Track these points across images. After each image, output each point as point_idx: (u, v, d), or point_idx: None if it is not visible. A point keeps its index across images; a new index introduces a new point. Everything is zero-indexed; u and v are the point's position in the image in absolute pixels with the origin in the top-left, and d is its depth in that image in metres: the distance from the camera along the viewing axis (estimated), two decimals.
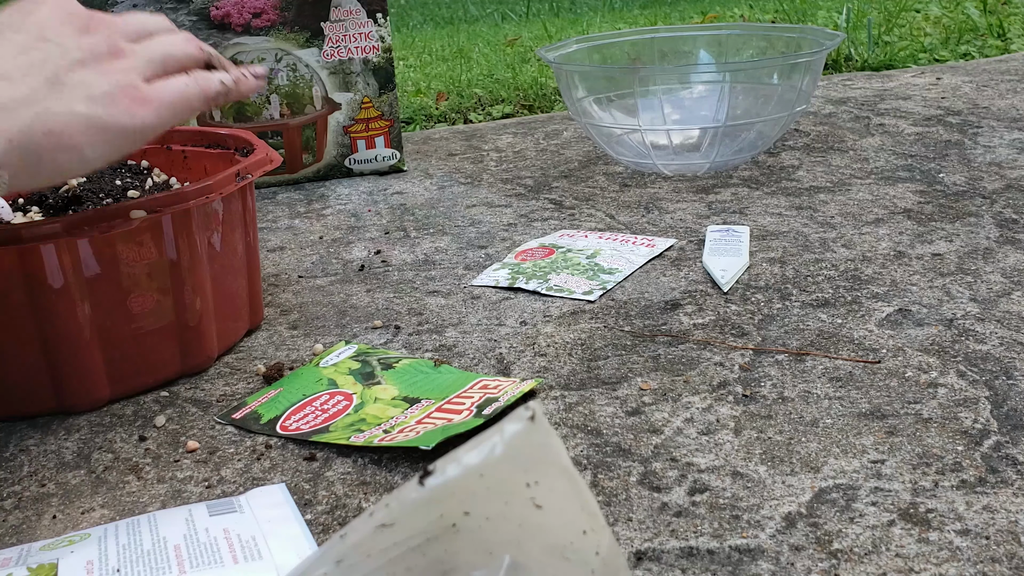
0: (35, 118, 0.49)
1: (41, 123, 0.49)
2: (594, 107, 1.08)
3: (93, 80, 0.51)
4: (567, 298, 0.76)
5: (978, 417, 0.57)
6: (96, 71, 0.52)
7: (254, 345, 0.72)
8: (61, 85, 0.50)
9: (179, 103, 0.55)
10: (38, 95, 0.50)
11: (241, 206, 0.70)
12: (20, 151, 0.49)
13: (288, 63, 1.07)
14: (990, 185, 0.97)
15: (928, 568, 0.45)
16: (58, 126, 0.50)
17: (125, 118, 0.52)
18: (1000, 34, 1.86)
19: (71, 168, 0.51)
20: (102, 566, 0.45)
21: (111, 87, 0.52)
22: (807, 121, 1.25)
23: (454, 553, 0.30)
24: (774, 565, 0.45)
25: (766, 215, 0.92)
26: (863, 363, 0.63)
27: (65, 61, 0.51)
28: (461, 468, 0.30)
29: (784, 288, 0.76)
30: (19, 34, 0.51)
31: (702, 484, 0.52)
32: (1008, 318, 0.68)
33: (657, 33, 1.21)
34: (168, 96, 0.54)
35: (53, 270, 0.59)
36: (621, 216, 0.94)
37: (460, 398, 0.60)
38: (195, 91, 0.56)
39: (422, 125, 1.55)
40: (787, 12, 2.23)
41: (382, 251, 0.90)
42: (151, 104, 0.53)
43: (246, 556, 0.46)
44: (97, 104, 0.51)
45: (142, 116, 0.53)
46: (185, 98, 0.56)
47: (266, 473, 0.56)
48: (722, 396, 0.61)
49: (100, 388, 0.63)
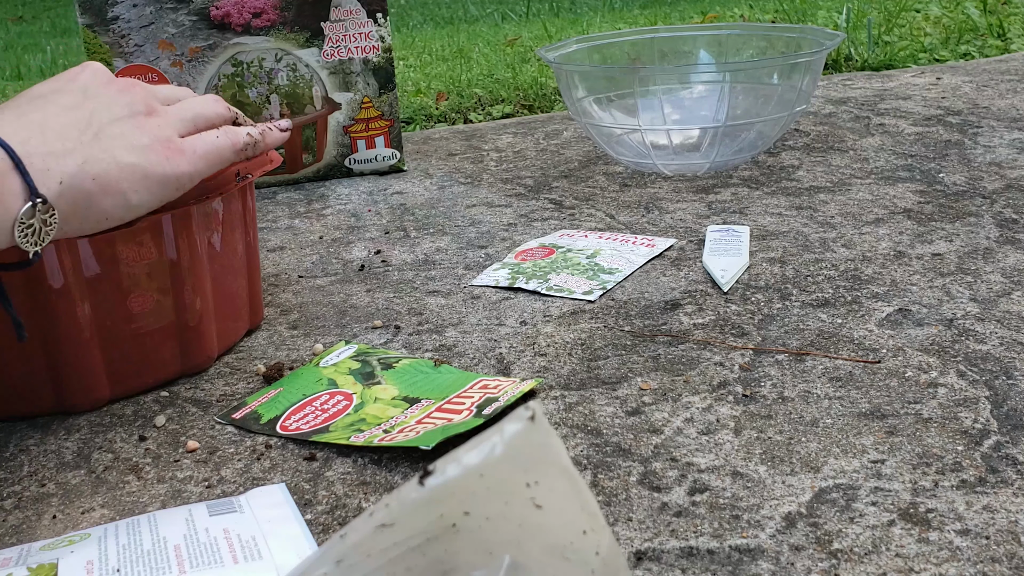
0: (83, 164, 0.53)
1: (88, 169, 0.54)
2: (594, 107, 1.08)
3: (132, 133, 0.56)
4: (567, 298, 0.76)
5: (978, 417, 0.57)
6: (134, 126, 0.57)
7: (254, 345, 0.72)
8: (104, 136, 0.55)
9: (212, 154, 0.61)
10: (83, 146, 0.54)
11: (241, 206, 0.70)
12: (71, 193, 0.53)
13: (288, 63, 1.07)
14: (990, 185, 0.97)
15: (928, 568, 0.45)
16: (103, 172, 0.54)
17: (164, 166, 0.57)
18: (1000, 34, 1.86)
19: (116, 213, 0.56)
20: (102, 566, 0.45)
21: (149, 139, 0.57)
22: (807, 121, 1.25)
23: (454, 553, 0.30)
24: (774, 565, 0.45)
25: (766, 215, 0.92)
26: (863, 363, 0.63)
27: (107, 117, 0.56)
28: (461, 468, 0.30)
29: (784, 288, 0.76)
30: (64, 96, 0.56)
31: (702, 484, 0.52)
32: (1008, 318, 0.68)
33: (657, 33, 1.21)
34: (201, 148, 0.60)
35: (53, 270, 0.59)
36: (621, 216, 0.94)
37: (460, 398, 0.60)
38: (226, 143, 0.62)
39: (422, 125, 1.55)
40: (787, 12, 2.23)
41: (382, 251, 0.90)
42: (185, 155, 0.59)
43: (246, 556, 0.46)
44: (137, 153, 0.56)
45: (178, 165, 0.58)
46: (217, 149, 0.61)
47: (266, 473, 0.56)
48: (722, 396, 0.61)
49: (100, 388, 0.63)
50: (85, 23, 1.02)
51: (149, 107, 0.59)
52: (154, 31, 1.03)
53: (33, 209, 0.51)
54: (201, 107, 0.63)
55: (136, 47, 1.03)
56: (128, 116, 0.57)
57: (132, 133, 0.56)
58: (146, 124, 0.58)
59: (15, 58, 2.97)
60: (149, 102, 0.59)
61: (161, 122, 0.59)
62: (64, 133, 0.54)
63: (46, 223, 0.52)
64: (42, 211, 0.52)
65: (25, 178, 0.51)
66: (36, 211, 0.51)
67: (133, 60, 1.03)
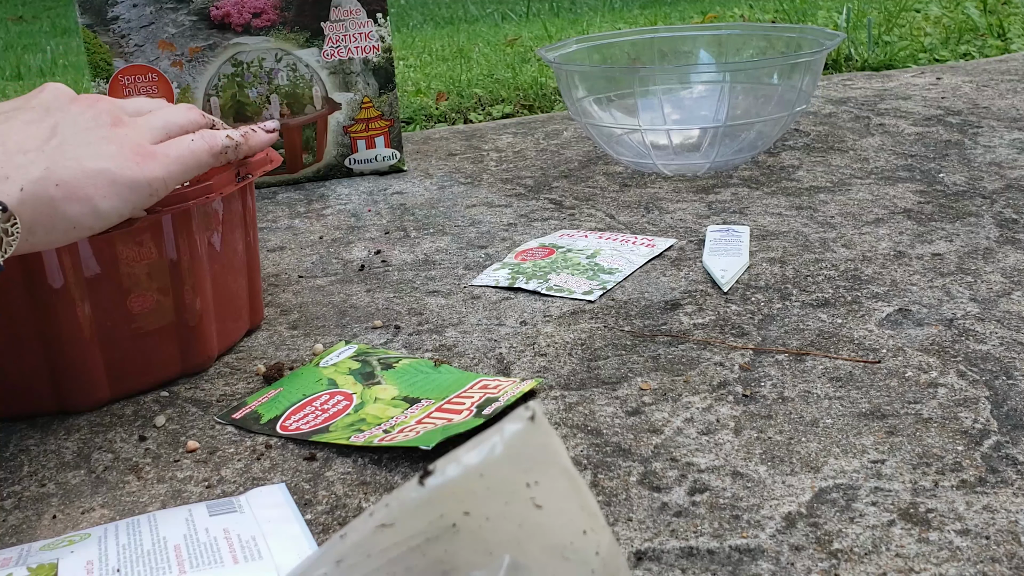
0: (46, 171, 0.52)
1: (52, 175, 0.52)
2: (594, 107, 1.08)
3: (99, 142, 0.55)
4: (567, 298, 0.76)
5: (978, 417, 0.57)
6: (101, 136, 0.55)
7: (254, 345, 0.72)
8: (68, 145, 0.53)
9: (186, 157, 0.59)
10: (46, 154, 0.52)
11: (241, 206, 0.70)
12: (33, 200, 0.51)
13: (288, 63, 1.07)
14: (990, 185, 0.97)
15: (928, 568, 0.45)
16: (69, 178, 0.52)
17: (134, 171, 0.55)
18: (1000, 34, 1.86)
19: (85, 222, 0.54)
20: (102, 566, 0.45)
21: (117, 147, 0.55)
22: (807, 121, 1.25)
23: (454, 553, 0.30)
24: (774, 565, 0.45)
25: (766, 215, 0.92)
26: (863, 363, 0.63)
27: (71, 129, 0.54)
28: (461, 468, 0.30)
29: (784, 288, 0.76)
30: (26, 113, 0.55)
31: (702, 484, 0.52)
32: (1008, 318, 0.68)
33: (657, 33, 1.21)
34: (175, 151, 0.58)
35: (53, 270, 0.59)
36: (621, 216, 0.94)
37: (460, 398, 0.60)
38: (201, 146, 0.60)
39: (422, 125, 1.55)
40: (787, 12, 2.23)
41: (382, 251, 0.90)
42: (157, 159, 0.57)
43: (246, 556, 0.46)
44: (105, 159, 0.54)
45: (150, 169, 0.56)
46: (192, 152, 0.59)
47: (266, 473, 0.56)
48: (722, 396, 0.61)
49: (100, 388, 0.63)
50: (85, 23, 1.02)
51: (115, 119, 0.57)
52: (154, 31, 1.03)
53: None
54: (172, 115, 0.61)
55: (136, 47, 1.03)
56: (94, 127, 0.55)
57: (98, 142, 0.55)
58: (113, 134, 0.56)
59: (15, 58, 2.98)
60: (115, 114, 0.57)
61: (129, 131, 0.57)
62: (25, 144, 0.52)
63: (8, 232, 0.50)
64: (2, 220, 0.49)
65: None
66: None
67: (133, 60, 1.03)
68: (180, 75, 1.05)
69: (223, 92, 1.06)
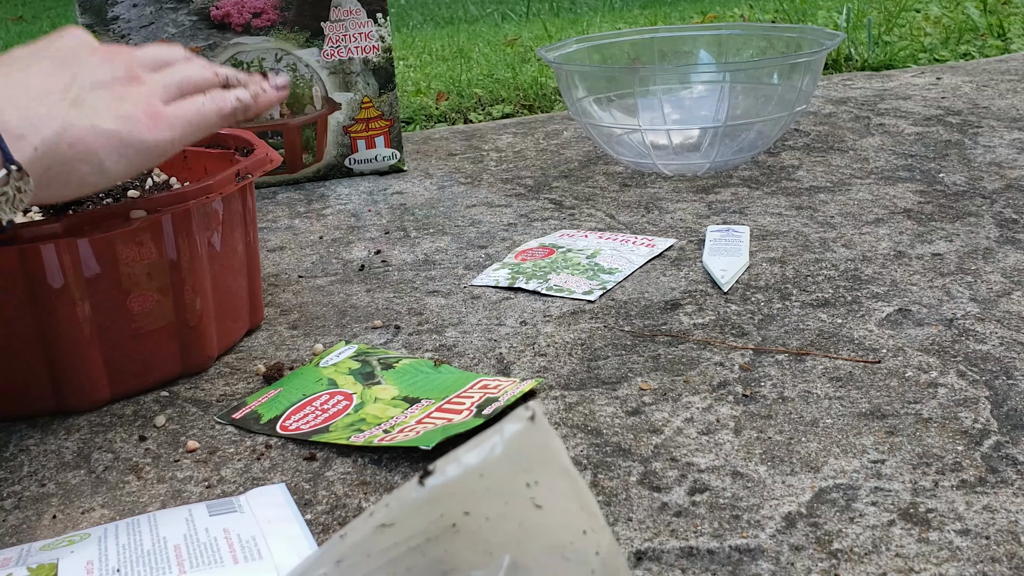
0: (59, 130, 0.52)
1: (65, 135, 0.52)
2: (594, 107, 1.08)
3: (114, 100, 0.55)
4: (567, 298, 0.76)
5: (978, 417, 0.57)
6: (116, 93, 0.55)
7: (254, 345, 0.72)
8: (84, 103, 0.53)
9: (196, 119, 0.58)
10: (61, 111, 0.52)
11: (241, 206, 0.70)
12: (45, 160, 0.51)
13: (288, 63, 1.07)
14: (990, 185, 0.97)
15: (928, 568, 0.45)
16: (80, 138, 0.52)
17: (144, 133, 0.55)
18: (1000, 34, 1.86)
19: (92, 180, 0.54)
20: (102, 566, 0.45)
21: (131, 106, 0.55)
22: (807, 121, 1.25)
23: (454, 553, 0.30)
24: (774, 565, 0.45)
25: (766, 215, 0.92)
26: (863, 363, 0.63)
27: (87, 83, 0.54)
28: (461, 468, 0.30)
29: (784, 288, 0.76)
30: (43, 61, 0.54)
31: (702, 484, 0.52)
32: (1008, 318, 0.68)
33: (657, 33, 1.21)
34: (184, 113, 0.58)
35: (53, 270, 0.59)
36: (621, 216, 0.94)
37: (460, 398, 0.60)
38: (211, 108, 0.59)
39: (422, 125, 1.55)
40: (787, 12, 2.23)
41: (382, 251, 0.90)
42: (168, 120, 0.57)
43: (246, 556, 0.46)
44: (118, 121, 0.54)
45: (160, 132, 0.56)
46: (201, 115, 0.59)
47: (266, 473, 0.56)
48: (722, 396, 0.61)
49: (100, 388, 0.63)
50: (85, 23, 1.02)
51: (131, 74, 0.57)
52: (154, 31, 1.03)
53: (7, 176, 0.49)
54: (188, 71, 0.60)
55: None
56: (110, 83, 0.55)
57: (113, 100, 0.55)
58: (128, 91, 0.56)
59: None
60: (132, 69, 0.57)
61: (144, 89, 0.57)
62: (43, 98, 0.52)
63: (20, 190, 0.50)
64: (16, 178, 0.50)
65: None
66: (10, 178, 0.49)
67: None
68: None
69: None
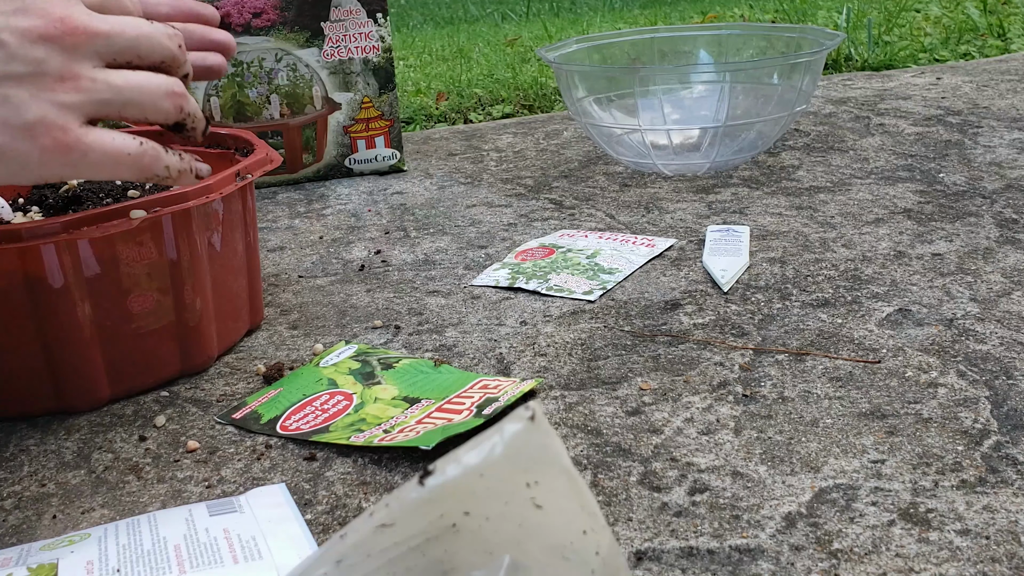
0: None
1: None
2: (594, 107, 1.08)
3: (24, 102, 0.46)
4: (567, 298, 0.76)
5: (978, 417, 0.57)
6: (31, 93, 0.46)
7: (254, 345, 0.72)
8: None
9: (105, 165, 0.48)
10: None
11: (241, 206, 0.70)
12: None
13: (288, 63, 1.07)
14: (990, 185, 0.97)
15: (928, 568, 0.45)
16: None
17: (31, 156, 0.46)
18: (1000, 34, 1.86)
19: None
20: (102, 566, 0.45)
21: (36, 118, 0.46)
22: (807, 121, 1.25)
23: (454, 553, 0.30)
24: (774, 565, 0.45)
25: (766, 215, 0.92)
26: (863, 363, 0.63)
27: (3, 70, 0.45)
28: (461, 468, 0.30)
29: (784, 288, 0.76)
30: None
31: (702, 484, 0.52)
32: (1008, 318, 0.68)
33: (657, 33, 1.21)
34: (96, 154, 0.48)
35: (53, 270, 0.59)
36: (621, 216, 0.94)
37: (460, 398, 0.60)
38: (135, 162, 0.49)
39: (422, 125, 1.55)
40: (787, 12, 2.23)
41: (382, 251, 0.90)
42: (71, 154, 0.47)
43: (246, 556, 0.46)
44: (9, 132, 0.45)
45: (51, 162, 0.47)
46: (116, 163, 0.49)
47: (266, 473, 0.56)
48: (722, 396, 0.61)
49: (100, 388, 0.63)
50: None
51: (66, 71, 0.47)
52: None
53: None
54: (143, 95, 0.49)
55: None
56: (31, 76, 0.46)
57: (23, 102, 0.45)
58: (49, 94, 0.46)
59: None
60: (71, 64, 0.47)
61: (69, 98, 0.47)
62: None
63: None
64: None
65: None
66: None
67: None
68: None
69: (223, 92, 1.06)
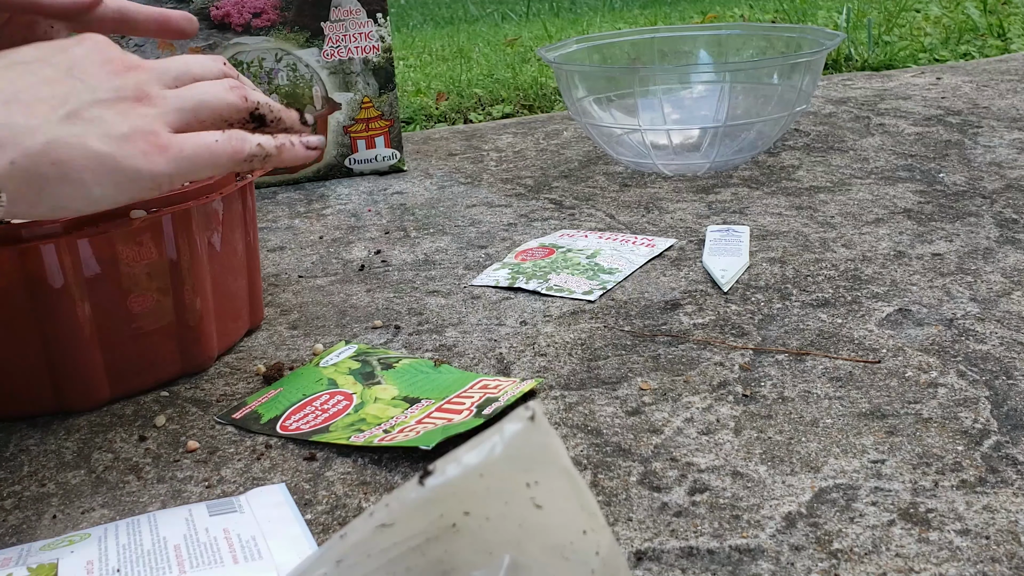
0: (44, 146, 0.48)
1: (50, 152, 0.48)
2: (594, 107, 1.08)
3: (112, 120, 0.50)
4: (567, 298, 0.76)
5: (978, 417, 0.57)
6: (117, 112, 0.50)
7: (254, 345, 0.72)
8: (78, 119, 0.49)
9: (202, 157, 0.52)
10: (51, 125, 0.48)
11: (241, 206, 0.70)
12: (23, 175, 0.48)
13: (288, 63, 1.07)
14: (990, 185, 0.97)
15: (928, 568, 0.45)
16: (66, 158, 0.48)
17: (139, 161, 0.50)
18: (1000, 34, 1.86)
19: (74, 204, 0.50)
20: (102, 566, 0.45)
21: (130, 129, 0.50)
22: (807, 121, 1.25)
23: (454, 553, 0.30)
24: (774, 565, 0.45)
25: (766, 215, 0.92)
26: (863, 363, 0.63)
27: (87, 98, 0.50)
28: (461, 468, 0.30)
29: (784, 288, 0.76)
30: (47, 67, 0.50)
31: (702, 484, 0.52)
32: (1008, 318, 0.68)
33: (657, 33, 1.21)
34: (190, 148, 0.52)
35: (53, 270, 0.59)
36: (621, 216, 0.94)
37: (460, 398, 0.60)
38: (224, 149, 0.53)
39: (422, 125, 1.55)
40: (787, 12, 2.23)
41: (382, 251, 0.90)
42: (169, 152, 0.51)
43: (246, 556, 0.46)
44: (111, 143, 0.50)
45: (157, 163, 0.51)
46: (211, 153, 0.53)
47: (266, 473, 0.56)
48: (722, 396, 0.61)
49: (100, 388, 0.63)
50: None
51: (140, 93, 0.52)
52: None
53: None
54: (209, 95, 0.54)
55: (136, 47, 1.03)
56: (112, 100, 0.50)
57: (112, 119, 0.50)
58: (131, 111, 0.51)
59: None
60: (143, 87, 0.52)
61: (150, 111, 0.51)
62: (33, 108, 0.48)
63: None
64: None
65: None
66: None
67: None
68: None
69: None
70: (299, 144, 0.56)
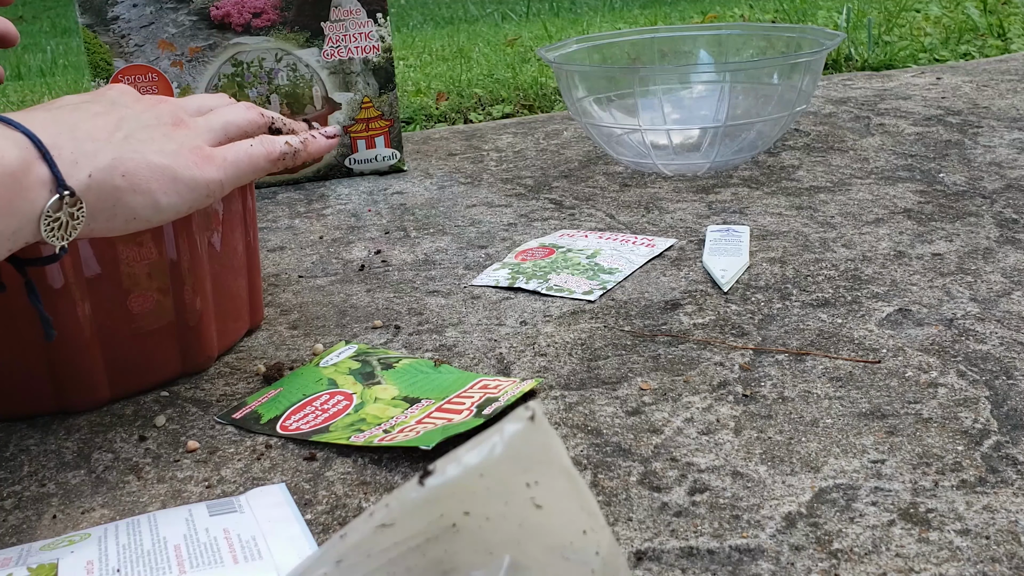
0: (112, 161, 0.53)
1: (118, 165, 0.53)
2: (594, 107, 1.08)
3: (160, 140, 0.56)
4: (567, 298, 0.76)
5: (978, 417, 0.57)
6: (163, 133, 0.57)
7: (254, 345, 0.72)
8: (133, 139, 0.55)
9: (243, 161, 0.59)
10: (113, 145, 0.54)
11: (241, 206, 0.70)
12: (99, 187, 0.52)
13: (288, 63, 1.07)
14: (990, 185, 0.97)
15: (928, 568, 0.45)
16: (134, 170, 0.54)
17: (193, 171, 0.56)
18: (1000, 34, 1.86)
19: (144, 213, 0.55)
20: (102, 566, 0.45)
21: (178, 145, 0.57)
22: (807, 121, 1.25)
23: (454, 553, 0.30)
24: (774, 565, 0.45)
25: (766, 215, 0.92)
26: (863, 363, 0.63)
27: (135, 125, 0.56)
28: (461, 468, 0.30)
29: (784, 288, 0.76)
30: (94, 105, 0.56)
31: (702, 484, 0.52)
32: (1008, 318, 0.68)
33: (657, 33, 1.21)
34: (232, 156, 0.59)
35: (53, 270, 0.59)
36: (621, 216, 0.94)
37: (460, 398, 0.60)
38: (260, 151, 0.60)
39: (422, 125, 1.55)
40: (787, 12, 2.23)
41: (382, 251, 0.90)
42: (215, 161, 0.58)
43: (246, 556, 0.46)
44: (167, 156, 0.55)
45: (208, 171, 0.57)
46: (249, 156, 0.60)
47: (266, 473, 0.56)
48: (722, 396, 0.61)
49: (100, 388, 0.63)
50: (85, 23, 1.02)
51: (176, 119, 0.59)
52: (154, 31, 1.03)
53: (60, 202, 0.50)
54: (232, 116, 0.62)
55: (136, 47, 1.03)
56: (156, 125, 0.57)
57: (160, 139, 0.56)
58: (174, 133, 0.57)
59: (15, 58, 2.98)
60: (177, 114, 0.59)
61: (189, 132, 0.58)
62: (94, 133, 0.53)
63: (73, 216, 0.51)
64: (69, 204, 0.51)
65: (52, 169, 0.50)
66: (63, 204, 0.50)
67: (133, 60, 1.03)
68: (180, 75, 1.05)
69: (223, 92, 1.06)
70: (320, 136, 0.65)
